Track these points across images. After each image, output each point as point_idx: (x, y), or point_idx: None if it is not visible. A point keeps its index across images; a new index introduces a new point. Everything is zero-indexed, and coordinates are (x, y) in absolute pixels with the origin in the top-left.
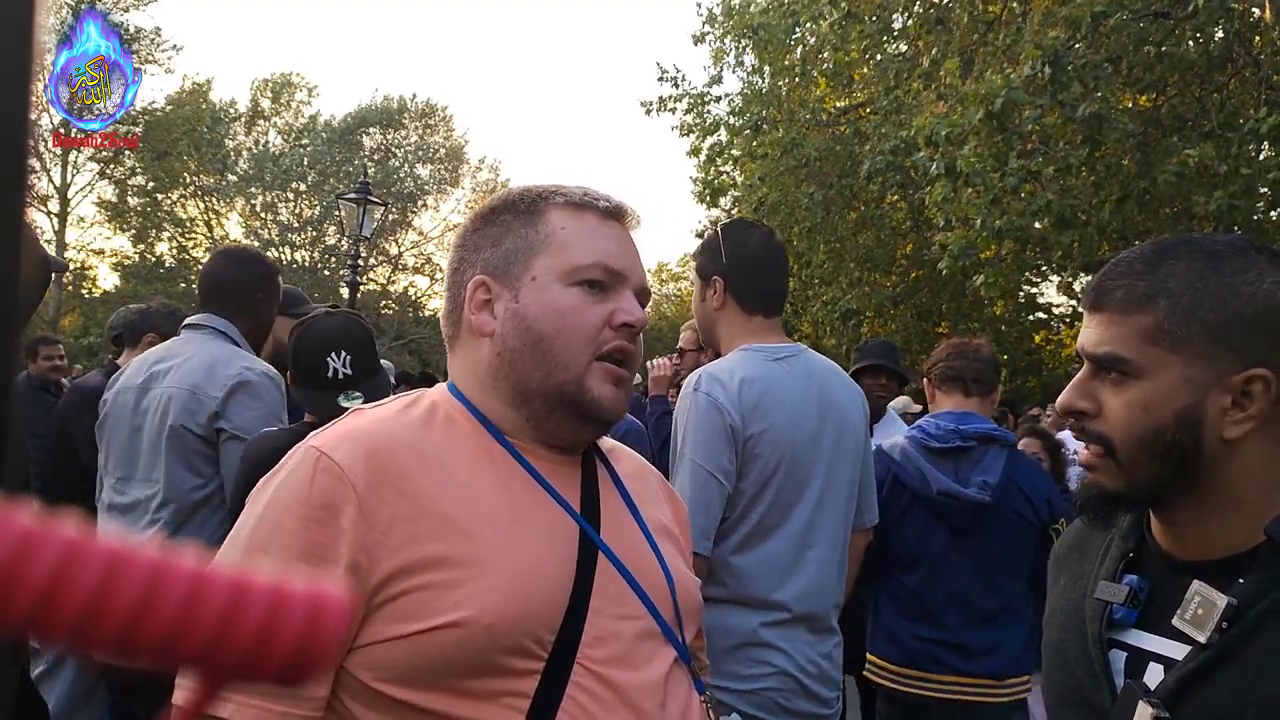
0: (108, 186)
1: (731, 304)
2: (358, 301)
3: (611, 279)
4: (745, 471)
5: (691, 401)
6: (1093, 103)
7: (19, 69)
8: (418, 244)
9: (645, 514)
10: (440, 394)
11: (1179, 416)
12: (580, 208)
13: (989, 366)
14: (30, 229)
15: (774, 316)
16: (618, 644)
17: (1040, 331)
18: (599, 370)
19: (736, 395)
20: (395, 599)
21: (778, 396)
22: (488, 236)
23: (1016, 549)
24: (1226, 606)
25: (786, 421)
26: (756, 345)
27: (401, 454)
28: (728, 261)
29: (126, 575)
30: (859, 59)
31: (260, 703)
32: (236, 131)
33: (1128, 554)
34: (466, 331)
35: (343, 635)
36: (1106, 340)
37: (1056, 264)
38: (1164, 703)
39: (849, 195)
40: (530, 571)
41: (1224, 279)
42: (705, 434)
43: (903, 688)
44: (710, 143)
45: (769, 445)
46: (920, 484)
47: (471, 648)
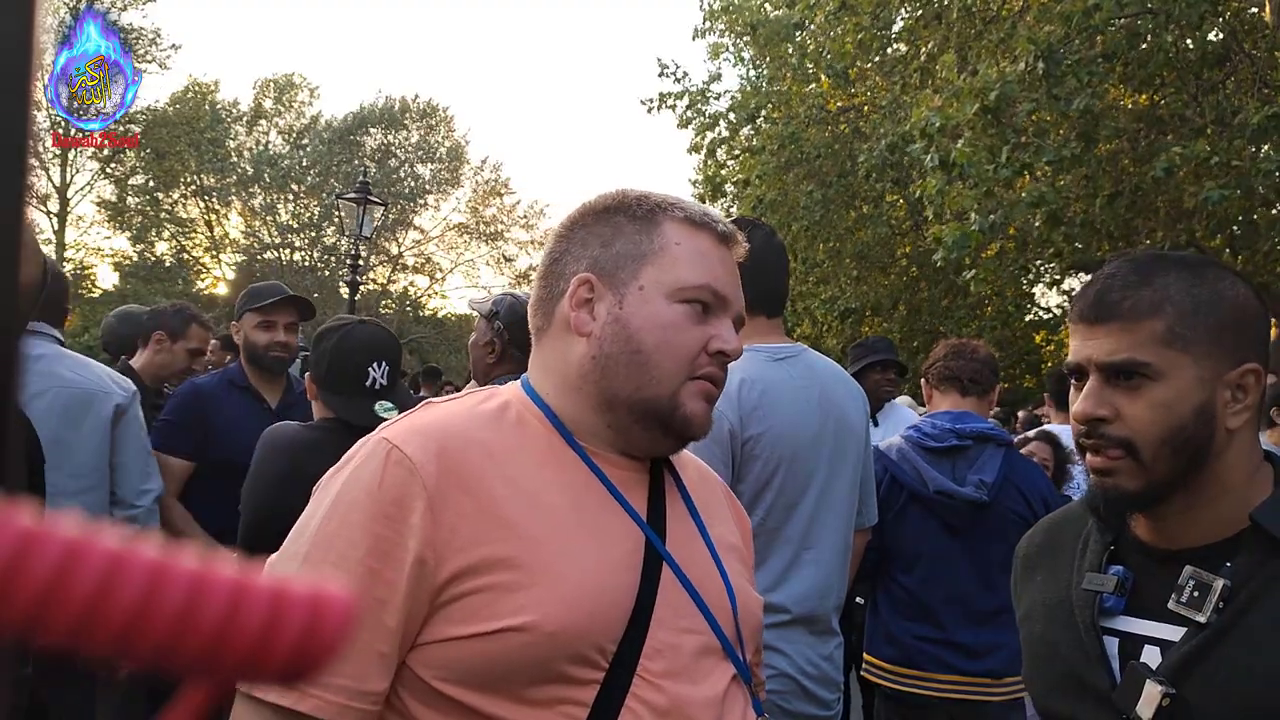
0: (107, 185)
1: None
2: (358, 301)
3: (716, 303)
4: (744, 474)
5: None
6: (1086, 97)
7: (19, 69)
8: (418, 244)
9: (710, 526)
10: (513, 392)
11: (1197, 412)
12: (697, 226)
13: (986, 367)
14: (29, 229)
15: (775, 317)
16: (678, 658)
17: (1039, 331)
18: (693, 387)
19: (736, 395)
20: (459, 599)
21: (778, 398)
22: (598, 234)
23: (1013, 548)
24: (1223, 588)
25: (786, 423)
26: (758, 345)
27: (472, 452)
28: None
29: (127, 575)
30: (853, 52)
31: (321, 694)
32: (238, 132)
33: (1108, 546)
34: (560, 326)
35: (345, 636)
36: (1122, 348)
37: (1047, 260)
38: (1169, 680)
39: (848, 194)
40: (595, 580)
41: (1210, 286)
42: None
43: (901, 687)
44: (709, 138)
45: (768, 447)
46: (917, 483)
47: (534, 654)
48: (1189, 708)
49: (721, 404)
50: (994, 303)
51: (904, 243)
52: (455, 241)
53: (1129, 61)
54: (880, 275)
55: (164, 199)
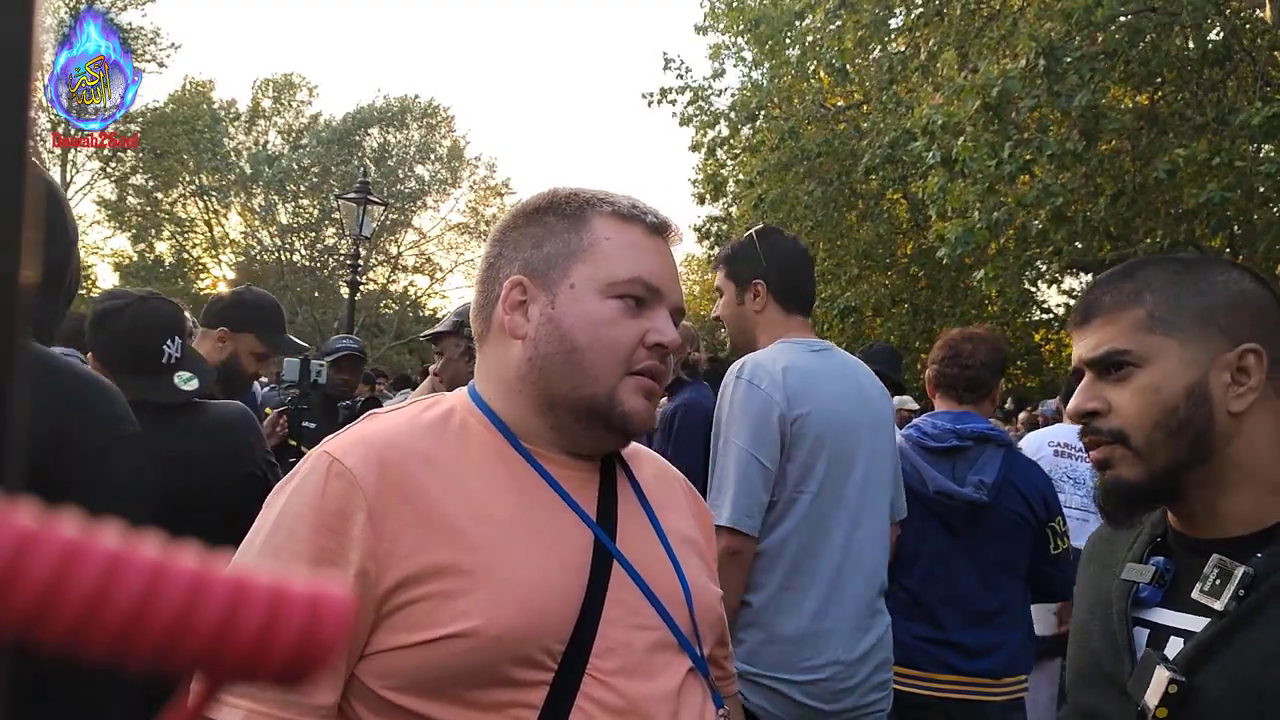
0: (107, 185)
1: (773, 305)
2: (358, 302)
3: (650, 296)
4: (793, 453)
5: (734, 389)
6: (1087, 94)
7: (19, 69)
8: (418, 244)
9: (665, 521)
10: (459, 399)
11: (1188, 392)
12: (626, 219)
13: (985, 370)
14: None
15: (808, 316)
16: (630, 655)
17: (1040, 331)
18: (631, 383)
19: (781, 380)
20: (403, 608)
21: (819, 382)
22: (529, 235)
23: (1014, 548)
24: (1243, 575)
25: (829, 406)
26: (795, 340)
27: (413, 461)
28: (767, 265)
29: (126, 575)
30: (853, 49)
31: (270, 709)
32: (236, 132)
33: (1155, 539)
34: (498, 330)
35: (344, 636)
36: (1103, 341)
37: (1047, 259)
38: (1182, 669)
39: (849, 193)
40: (540, 581)
41: (1197, 276)
42: (748, 419)
43: (900, 687)
44: (711, 136)
45: (814, 424)
46: (917, 483)
47: (479, 659)
48: (1196, 696)
49: (766, 386)
50: (996, 301)
51: (905, 241)
52: (455, 241)
53: (1129, 60)
54: (881, 274)
55: (163, 199)
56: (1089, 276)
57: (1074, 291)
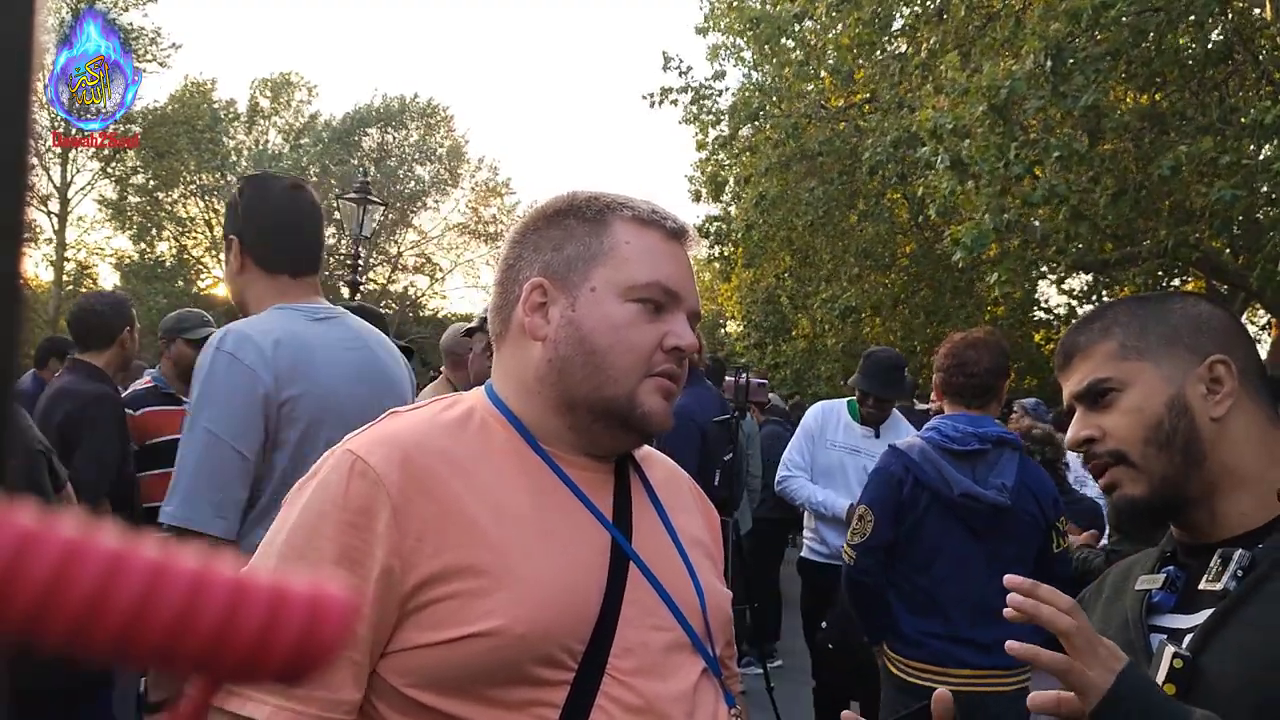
0: (108, 185)
1: (251, 265)
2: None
3: (668, 300)
4: (281, 440)
5: (211, 361)
6: (1092, 93)
7: (19, 69)
8: (418, 244)
9: (676, 523)
10: (477, 398)
11: (1169, 406)
12: (646, 224)
13: (990, 376)
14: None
15: (304, 276)
16: (647, 655)
17: (1040, 331)
18: (650, 384)
19: (270, 355)
20: (427, 606)
21: (319, 357)
22: (549, 238)
23: (1025, 548)
24: (1240, 556)
25: (329, 386)
26: (293, 305)
27: (435, 459)
28: (245, 219)
29: (127, 575)
30: (852, 46)
31: (296, 705)
32: (236, 131)
33: (1164, 554)
34: (517, 332)
35: (344, 635)
36: (1085, 375)
37: (1051, 260)
38: (1190, 651)
39: (850, 192)
40: (561, 581)
41: (1158, 306)
42: (226, 399)
43: (914, 680)
44: (713, 135)
45: (309, 408)
46: (941, 485)
47: (502, 657)
48: (1201, 671)
49: (252, 361)
50: (1003, 303)
51: (906, 241)
52: (455, 241)
53: (1132, 60)
54: (881, 274)
55: (164, 198)
56: (1089, 277)
57: (1074, 291)
